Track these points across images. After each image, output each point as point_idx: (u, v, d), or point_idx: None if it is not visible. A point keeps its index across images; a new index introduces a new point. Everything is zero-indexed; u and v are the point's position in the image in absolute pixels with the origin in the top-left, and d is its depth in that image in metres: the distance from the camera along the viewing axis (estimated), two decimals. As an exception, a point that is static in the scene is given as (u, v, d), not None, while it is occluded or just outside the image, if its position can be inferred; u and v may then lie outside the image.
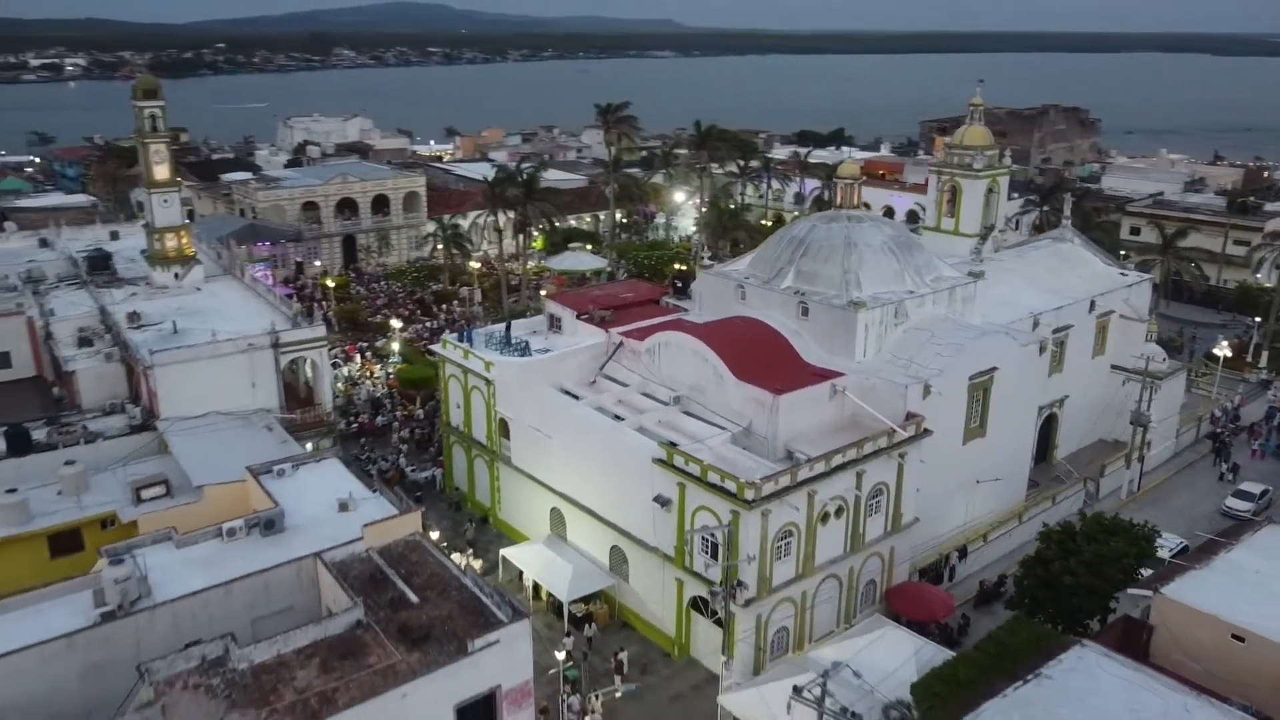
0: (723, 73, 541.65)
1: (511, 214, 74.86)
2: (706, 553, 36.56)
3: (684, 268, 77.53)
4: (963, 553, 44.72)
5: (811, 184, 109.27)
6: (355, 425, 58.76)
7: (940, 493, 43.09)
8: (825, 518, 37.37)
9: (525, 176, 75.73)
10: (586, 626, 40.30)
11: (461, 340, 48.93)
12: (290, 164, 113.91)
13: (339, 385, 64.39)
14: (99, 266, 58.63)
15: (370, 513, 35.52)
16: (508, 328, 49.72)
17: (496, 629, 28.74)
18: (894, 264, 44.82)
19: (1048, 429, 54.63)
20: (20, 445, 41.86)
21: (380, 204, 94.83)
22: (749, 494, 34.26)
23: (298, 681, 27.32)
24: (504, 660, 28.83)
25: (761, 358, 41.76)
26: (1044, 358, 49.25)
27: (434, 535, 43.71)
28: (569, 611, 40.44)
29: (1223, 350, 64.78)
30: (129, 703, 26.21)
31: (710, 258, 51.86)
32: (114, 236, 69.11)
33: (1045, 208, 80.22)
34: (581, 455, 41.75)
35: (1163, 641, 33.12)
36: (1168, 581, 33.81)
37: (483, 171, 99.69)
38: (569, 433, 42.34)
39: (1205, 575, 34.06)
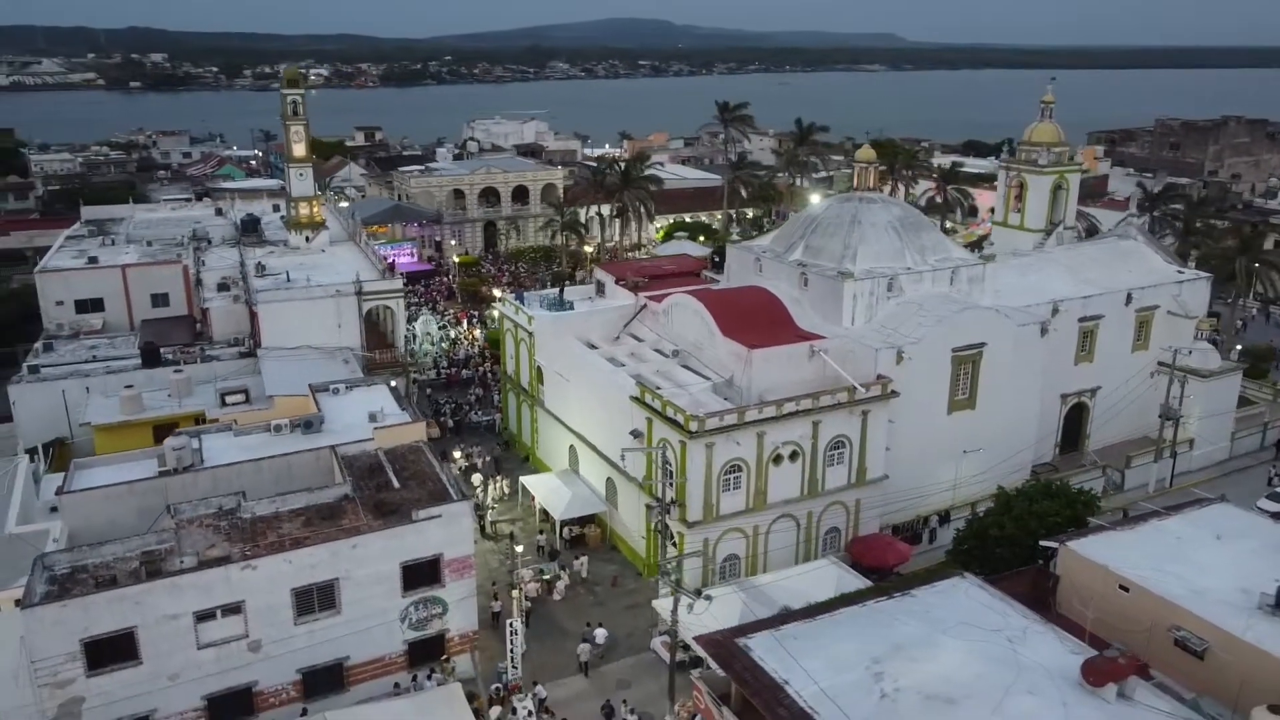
0: (926, 86, 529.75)
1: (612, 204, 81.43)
2: (668, 481, 41.34)
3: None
4: (945, 517, 47.04)
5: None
6: (445, 375, 66.83)
7: (921, 457, 45.74)
8: (778, 459, 41.32)
9: (623, 168, 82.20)
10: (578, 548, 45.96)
11: (517, 299, 55.66)
12: (455, 159, 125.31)
13: (444, 344, 72.96)
14: (249, 229, 69.60)
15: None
16: (561, 290, 56.07)
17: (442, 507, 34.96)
18: (895, 242, 47.85)
19: (1077, 417, 55.34)
20: (151, 359, 52.01)
21: (520, 194, 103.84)
22: (693, 425, 38.92)
23: (282, 530, 34.66)
24: (447, 533, 35.07)
25: (754, 320, 46.02)
26: (1049, 340, 50.44)
27: (457, 457, 50.88)
28: (563, 531, 46.22)
29: (1304, 360, 62.39)
30: (154, 526, 34.32)
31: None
32: (276, 209, 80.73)
33: (1155, 213, 78.52)
34: (589, 397, 47.47)
35: (1065, 590, 35.35)
36: (1082, 537, 36.02)
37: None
38: (582, 378, 48.13)
39: (1124, 536, 35.92)
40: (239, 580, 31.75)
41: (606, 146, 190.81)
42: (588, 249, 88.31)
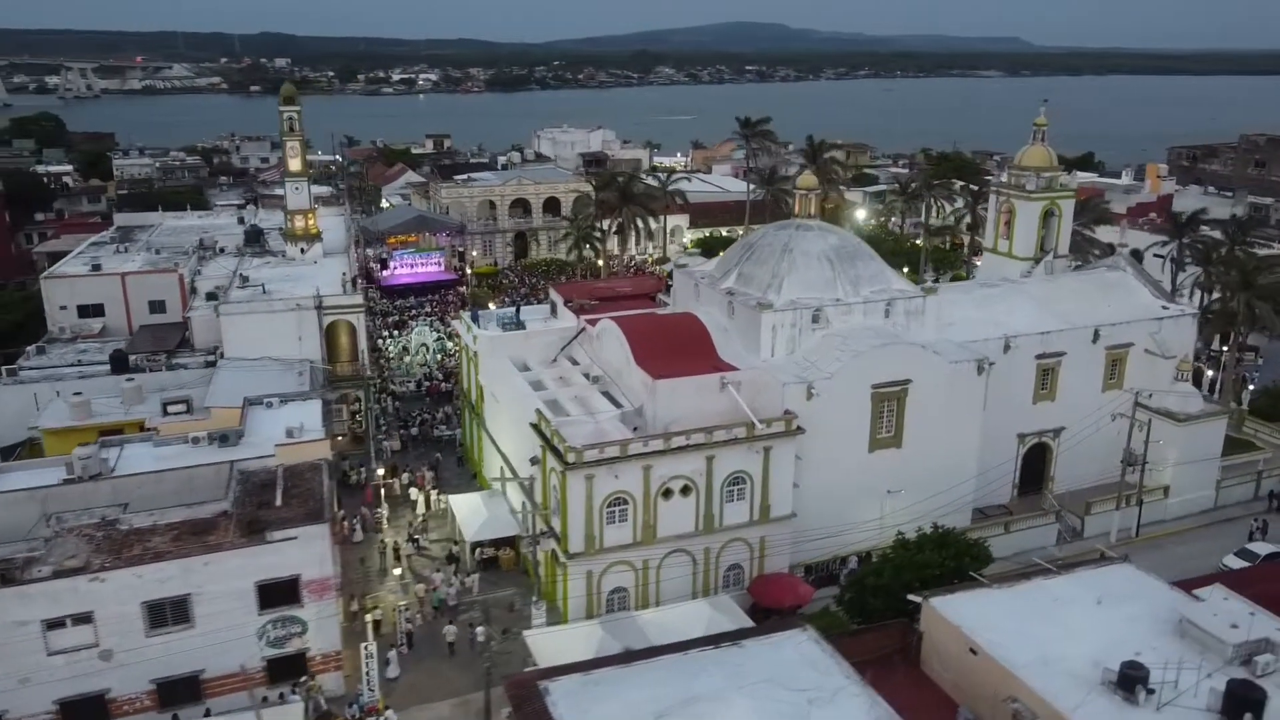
0: (1040, 93, 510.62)
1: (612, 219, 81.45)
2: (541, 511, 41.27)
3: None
4: (867, 558, 45.44)
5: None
6: (426, 387, 68.02)
7: (839, 495, 44.35)
8: (668, 493, 40.68)
9: (622, 183, 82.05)
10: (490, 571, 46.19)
11: (471, 317, 56.23)
12: (502, 168, 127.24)
13: (438, 355, 74.29)
14: (253, 239, 72.26)
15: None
16: (517, 309, 56.42)
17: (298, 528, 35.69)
18: (826, 272, 46.49)
19: (1040, 458, 52.73)
20: (120, 366, 54.55)
21: (551, 205, 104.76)
22: (571, 457, 38.68)
23: (151, 543, 35.93)
24: (305, 554, 35.77)
25: (673, 348, 45.27)
26: (1003, 377, 48.31)
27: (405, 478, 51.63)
28: (475, 553, 46.53)
29: (1318, 406, 57.87)
30: (30, 533, 36.02)
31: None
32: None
33: (1184, 239, 73.97)
34: (511, 419, 47.63)
35: (928, 648, 33.88)
36: (950, 593, 34.37)
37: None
38: (508, 399, 48.35)
39: (997, 594, 34.15)
40: (88, 591, 33.08)
41: (677, 155, 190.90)
42: (601, 263, 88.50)
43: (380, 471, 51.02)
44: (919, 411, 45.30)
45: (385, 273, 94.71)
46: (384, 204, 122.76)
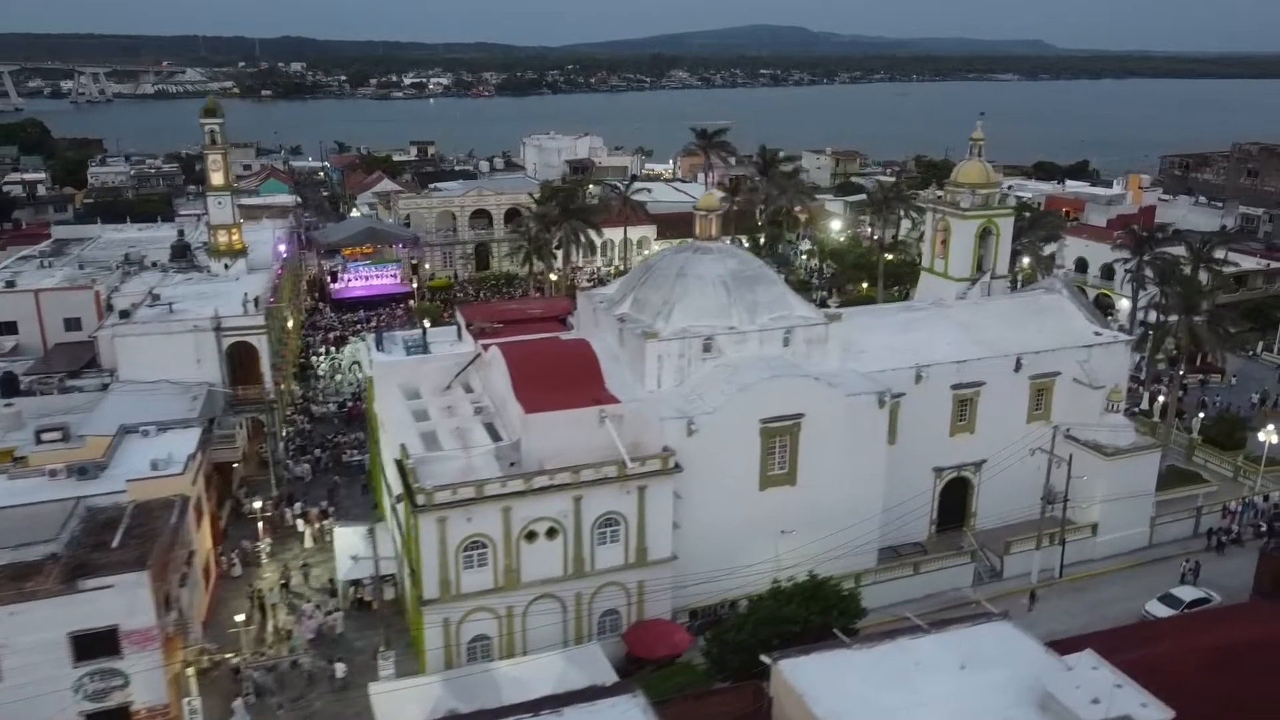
0: (1055, 97, 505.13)
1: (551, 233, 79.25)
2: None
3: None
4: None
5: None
6: (347, 409, 65.98)
7: (727, 536, 41.83)
8: (531, 536, 38.33)
9: (562, 195, 79.80)
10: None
11: (376, 339, 54.06)
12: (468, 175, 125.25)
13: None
14: (178, 254, 70.52)
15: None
16: (424, 332, 54.24)
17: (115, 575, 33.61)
18: (721, 298, 43.96)
19: (961, 494, 49.99)
20: (9, 389, 52.84)
21: (514, 216, 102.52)
22: (420, 499, 36.43)
23: (-35, 589, 33.90)
24: (123, 602, 33.65)
25: (558, 378, 42.90)
26: (918, 408, 45.82)
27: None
28: (350, 591, 44.34)
29: (1269, 436, 54.68)
30: None
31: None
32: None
33: (1145, 256, 70.77)
34: (391, 452, 45.38)
35: (777, 714, 31.31)
36: (806, 655, 31.81)
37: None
38: (391, 429, 46.12)
39: (854, 655, 31.48)
40: (-121, 643, 31.16)
41: (670, 163, 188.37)
42: (553, 276, 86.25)
43: (258, 504, 48.85)
44: (814, 447, 42.70)
45: (336, 285, 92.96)
46: (354, 213, 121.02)
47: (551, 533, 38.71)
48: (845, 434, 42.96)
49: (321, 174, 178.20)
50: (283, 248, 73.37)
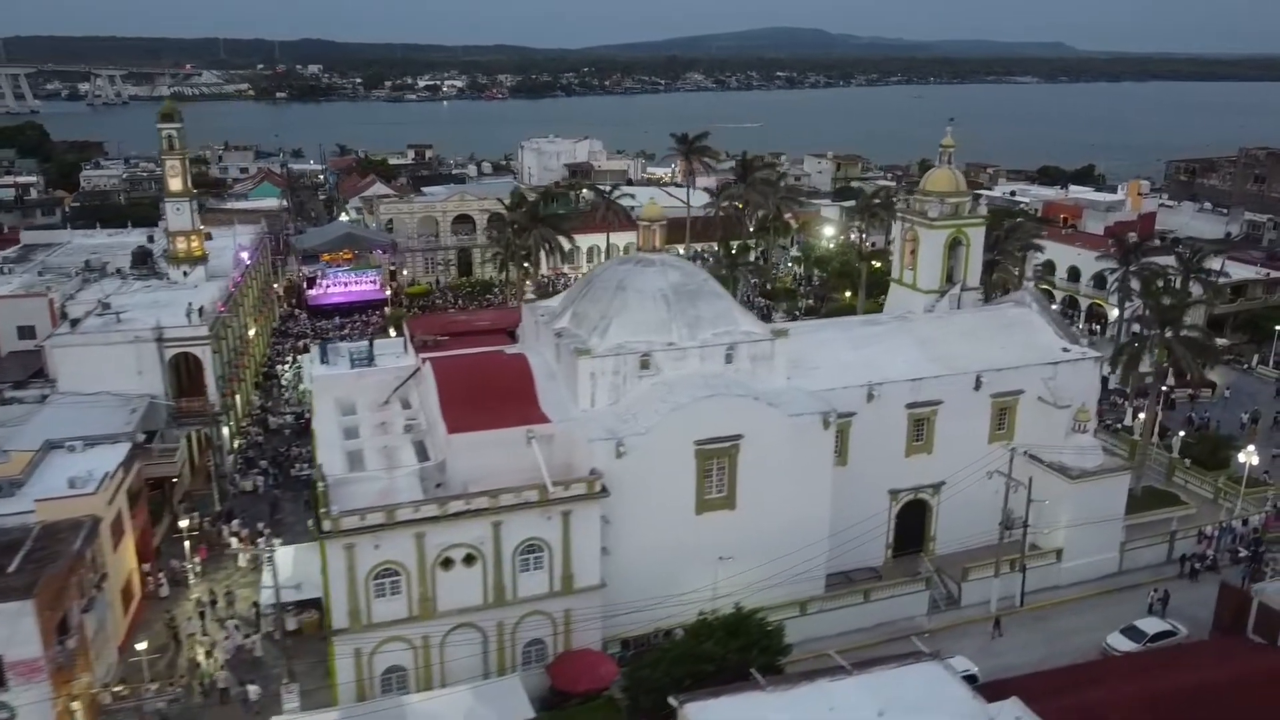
0: (1071, 100, 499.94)
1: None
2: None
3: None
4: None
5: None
6: (303, 420, 64.43)
7: (662, 562, 39.96)
8: (448, 563, 36.59)
9: (532, 201, 78.22)
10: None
11: (322, 350, 52.46)
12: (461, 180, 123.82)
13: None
14: (139, 261, 69.29)
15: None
16: (371, 343, 52.64)
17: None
18: (661, 313, 42.03)
19: (919, 518, 47.90)
20: (-56, 398, 51.66)
21: (497, 221, 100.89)
22: (326, 524, 34.78)
23: None
24: (5, 633, 32.15)
25: (490, 396, 41.21)
26: (871, 428, 43.89)
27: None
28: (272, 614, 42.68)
29: (1249, 457, 52.26)
30: None
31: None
32: (208, 237, 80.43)
33: (1131, 267, 68.31)
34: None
35: (686, 758, 29.46)
36: (716, 697, 29.91)
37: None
38: (317, 447, 44.50)
39: (766, 699, 29.74)
40: None
41: (674, 167, 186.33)
42: (528, 283, 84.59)
43: (185, 523, 47.33)
44: (755, 470, 40.75)
45: (314, 291, 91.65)
46: (342, 217, 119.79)
47: (469, 559, 36.95)
48: (788, 456, 40.99)
49: (321, 177, 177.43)
50: (245, 254, 71.80)
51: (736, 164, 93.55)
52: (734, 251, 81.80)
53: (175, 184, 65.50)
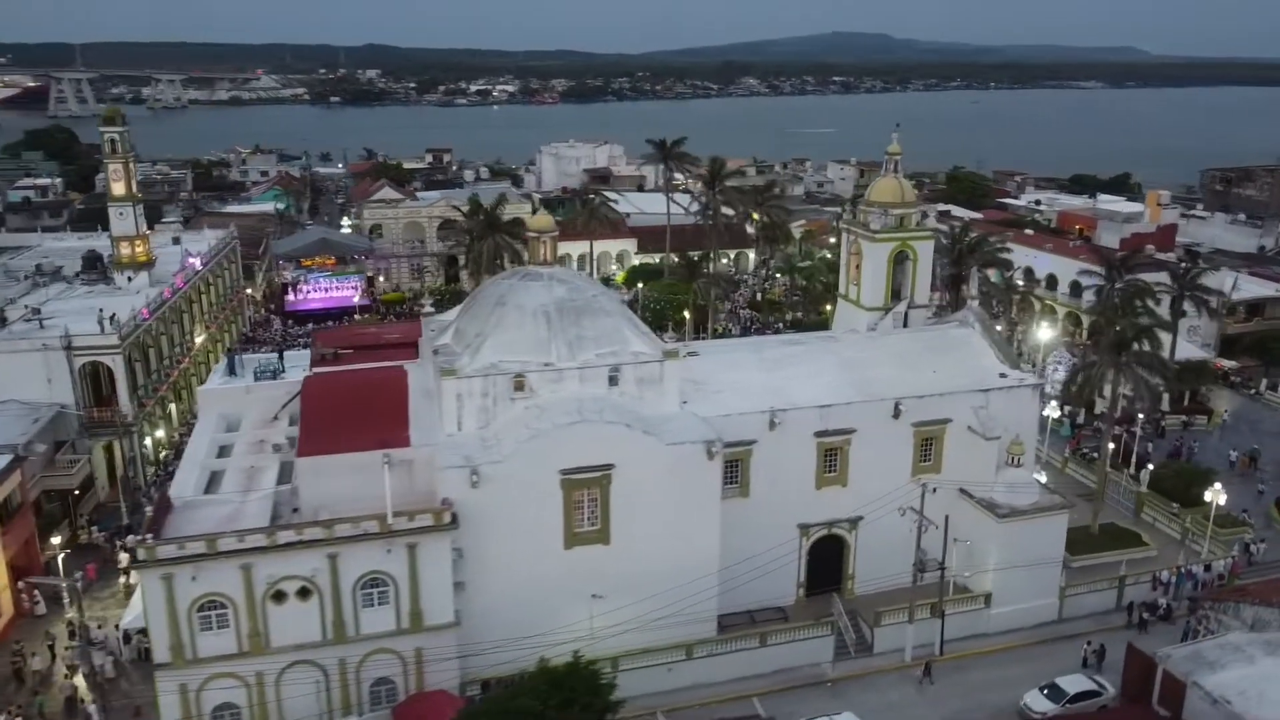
0: (1139, 104, 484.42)
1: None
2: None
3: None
4: (568, 674, 37.99)
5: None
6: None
7: (528, 599, 37.25)
8: (280, 596, 34.28)
9: (487, 211, 75.86)
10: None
11: (229, 362, 50.73)
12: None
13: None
14: (89, 265, 68.46)
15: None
16: (280, 355, 50.86)
17: None
18: (541, 331, 39.24)
19: (836, 555, 44.38)
20: None
21: (448, 226, 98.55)
22: (141, 553, 32.71)
23: None
24: None
25: (354, 416, 38.80)
26: (778, 457, 40.79)
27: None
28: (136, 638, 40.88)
29: (1217, 495, 47.67)
30: None
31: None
32: (175, 241, 79.74)
33: (1117, 284, 63.59)
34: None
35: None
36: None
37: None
38: (180, 466, 42.58)
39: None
40: None
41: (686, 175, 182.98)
42: (425, 297, 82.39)
43: (57, 540, 45.62)
44: (631, 502, 37.84)
45: (292, 297, 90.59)
46: (344, 221, 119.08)
47: (304, 593, 34.62)
48: (668, 487, 37.99)
49: (343, 181, 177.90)
50: (195, 260, 70.64)
51: (705, 170, 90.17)
52: (696, 260, 78.51)
53: (118, 188, 64.55)
